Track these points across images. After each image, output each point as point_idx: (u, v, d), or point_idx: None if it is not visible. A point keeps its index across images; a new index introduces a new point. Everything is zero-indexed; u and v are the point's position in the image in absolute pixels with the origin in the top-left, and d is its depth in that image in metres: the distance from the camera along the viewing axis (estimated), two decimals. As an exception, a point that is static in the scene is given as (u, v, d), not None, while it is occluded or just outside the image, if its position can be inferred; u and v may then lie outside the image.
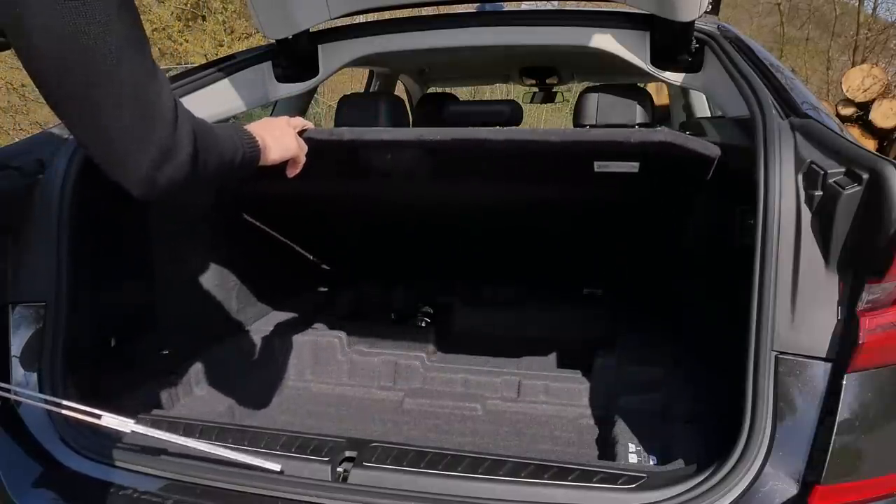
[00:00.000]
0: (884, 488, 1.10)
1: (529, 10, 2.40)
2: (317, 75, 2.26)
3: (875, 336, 1.05)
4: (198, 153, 0.86)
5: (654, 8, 1.75)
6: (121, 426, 1.16)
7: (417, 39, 2.17)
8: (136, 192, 0.82)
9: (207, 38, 12.35)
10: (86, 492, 1.24)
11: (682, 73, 1.94)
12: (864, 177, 1.06)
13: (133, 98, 0.77)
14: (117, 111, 0.76)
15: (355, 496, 1.17)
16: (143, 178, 0.80)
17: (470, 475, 1.19)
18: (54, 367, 1.37)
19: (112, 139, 0.77)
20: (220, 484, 1.22)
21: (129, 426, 1.17)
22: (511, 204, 2.03)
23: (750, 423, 1.13)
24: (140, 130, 0.78)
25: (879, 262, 1.04)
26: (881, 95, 6.85)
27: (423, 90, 4.12)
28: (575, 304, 2.33)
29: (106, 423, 1.15)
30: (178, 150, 0.82)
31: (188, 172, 0.85)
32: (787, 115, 1.32)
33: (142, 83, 0.78)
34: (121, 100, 0.76)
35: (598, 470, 1.19)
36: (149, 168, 0.80)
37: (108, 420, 1.15)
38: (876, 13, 13.06)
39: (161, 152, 0.80)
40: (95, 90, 0.75)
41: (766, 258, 1.15)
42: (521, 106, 2.69)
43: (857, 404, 1.07)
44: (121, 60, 0.75)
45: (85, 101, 0.75)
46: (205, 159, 0.89)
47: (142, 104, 0.78)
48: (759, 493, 1.08)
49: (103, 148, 0.79)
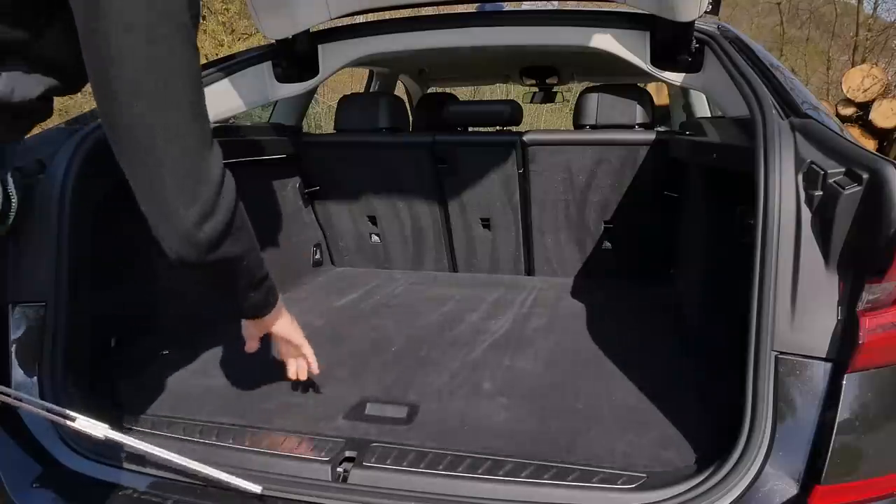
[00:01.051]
0: (884, 488, 1.10)
1: (529, 10, 2.40)
2: (317, 75, 2.27)
3: (875, 336, 1.05)
4: (233, 222, 0.95)
5: (654, 8, 1.76)
6: (93, 430, 1.09)
7: (417, 39, 2.17)
8: (178, 246, 0.91)
9: (207, 39, 12.34)
10: (86, 492, 1.24)
11: (682, 73, 1.94)
12: (864, 177, 1.06)
13: (189, 166, 0.87)
14: (173, 177, 0.86)
15: (355, 496, 1.17)
16: (186, 232, 0.89)
17: (470, 475, 1.19)
18: (54, 367, 1.37)
19: (166, 197, 0.87)
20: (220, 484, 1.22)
21: (101, 431, 1.10)
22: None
23: (750, 423, 1.13)
24: (190, 190, 0.88)
25: (879, 262, 1.04)
26: (881, 95, 6.86)
27: (423, 90, 4.13)
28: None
29: (80, 426, 1.09)
30: (218, 211, 0.92)
31: (224, 234, 0.94)
32: (787, 115, 1.32)
33: (200, 153, 0.89)
34: (178, 166, 0.86)
35: (598, 470, 1.19)
36: (192, 224, 0.89)
37: (81, 423, 1.09)
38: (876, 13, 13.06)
39: (204, 210, 0.90)
40: (154, 157, 0.85)
41: (765, 258, 1.15)
42: (521, 106, 2.69)
43: (857, 404, 1.07)
44: (186, 133, 0.86)
45: (146, 165, 0.85)
46: (238, 237, 0.98)
47: (196, 170, 0.88)
48: (759, 493, 1.08)
49: (156, 202, 0.88)
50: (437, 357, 1.78)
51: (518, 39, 2.11)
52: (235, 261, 1.01)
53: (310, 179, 2.71)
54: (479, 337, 1.95)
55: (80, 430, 1.10)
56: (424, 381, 1.61)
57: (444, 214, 2.66)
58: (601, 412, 1.44)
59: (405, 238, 2.77)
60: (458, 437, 1.33)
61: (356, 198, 2.71)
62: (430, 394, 1.54)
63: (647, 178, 2.34)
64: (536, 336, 1.96)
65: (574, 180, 2.41)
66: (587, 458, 1.23)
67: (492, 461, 1.22)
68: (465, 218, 2.63)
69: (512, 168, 2.43)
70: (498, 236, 2.64)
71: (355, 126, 2.59)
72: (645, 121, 2.36)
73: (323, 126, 8.99)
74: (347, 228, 2.82)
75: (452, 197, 2.59)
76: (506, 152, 2.40)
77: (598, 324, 2.07)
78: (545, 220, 2.54)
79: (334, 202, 2.75)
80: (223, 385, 1.63)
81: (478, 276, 2.73)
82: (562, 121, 12.27)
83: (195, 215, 0.89)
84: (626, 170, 2.35)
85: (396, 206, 2.69)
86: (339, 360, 1.76)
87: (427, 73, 3.96)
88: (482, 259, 2.73)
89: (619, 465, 1.22)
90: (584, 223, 2.51)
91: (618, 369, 1.67)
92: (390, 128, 2.56)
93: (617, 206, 2.44)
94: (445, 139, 2.47)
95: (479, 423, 1.39)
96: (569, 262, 2.62)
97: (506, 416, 1.43)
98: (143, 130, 0.83)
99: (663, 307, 2.21)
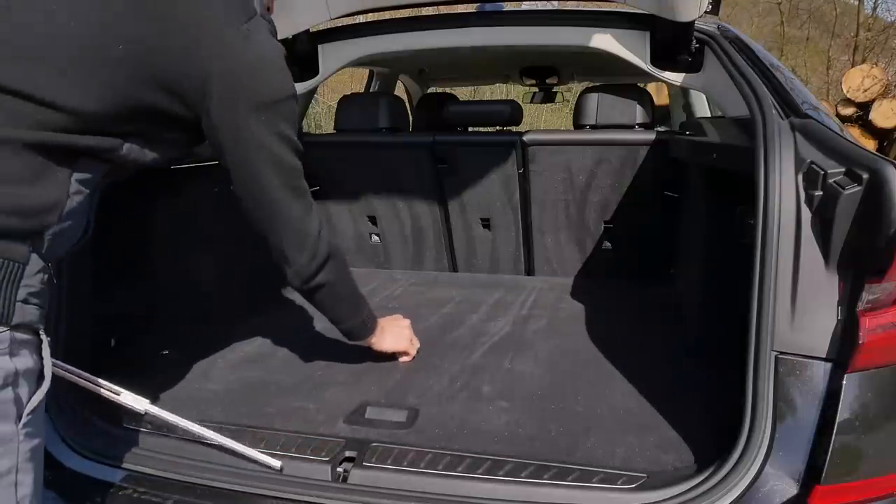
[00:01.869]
0: (884, 488, 1.10)
1: (529, 10, 2.40)
2: (317, 75, 2.27)
3: (875, 336, 1.05)
4: (329, 261, 1.37)
5: (655, 8, 1.75)
6: (137, 404, 1.28)
7: (417, 39, 2.17)
8: (296, 280, 1.37)
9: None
10: (86, 492, 1.24)
11: (682, 73, 1.94)
12: (864, 177, 1.05)
13: (298, 225, 1.30)
14: (287, 231, 1.30)
15: (355, 496, 1.17)
16: (301, 268, 1.34)
17: (470, 475, 1.19)
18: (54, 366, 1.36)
19: (282, 247, 1.31)
20: (220, 484, 1.22)
21: (143, 406, 1.28)
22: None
23: (750, 423, 1.13)
24: (299, 242, 1.32)
25: (879, 262, 1.04)
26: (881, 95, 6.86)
27: (423, 90, 4.12)
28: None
29: (124, 400, 1.28)
30: (319, 251, 1.34)
31: (323, 265, 1.36)
32: (787, 115, 1.31)
33: (303, 218, 1.31)
34: (289, 226, 1.29)
35: (598, 470, 1.19)
36: (303, 263, 1.33)
37: (126, 398, 1.28)
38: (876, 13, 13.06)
39: (312, 253, 1.33)
40: (276, 223, 1.28)
41: (766, 258, 1.15)
42: (521, 106, 2.69)
43: (857, 404, 1.07)
44: (293, 204, 1.28)
45: (267, 224, 1.29)
46: (334, 277, 1.41)
47: (302, 228, 1.31)
48: (759, 493, 1.08)
49: (276, 249, 1.32)
50: (437, 360, 1.78)
51: (518, 39, 2.11)
52: (328, 286, 1.40)
53: (309, 179, 2.70)
54: (479, 339, 1.95)
55: (125, 404, 1.28)
56: (424, 385, 1.61)
57: (444, 214, 2.66)
58: (601, 415, 1.44)
59: (405, 238, 2.77)
60: (458, 440, 1.33)
61: (356, 198, 2.71)
62: (430, 397, 1.54)
63: (647, 178, 2.34)
64: (536, 338, 1.96)
65: (574, 180, 2.41)
66: (587, 461, 1.23)
67: (491, 461, 1.22)
68: (465, 218, 2.63)
69: (512, 168, 2.43)
70: (498, 236, 2.64)
71: (355, 126, 2.58)
72: (645, 121, 2.36)
73: (323, 126, 8.99)
74: (347, 228, 2.82)
75: (452, 197, 2.59)
76: (506, 152, 2.40)
77: (598, 325, 2.07)
78: (545, 220, 2.54)
79: (334, 202, 2.75)
80: (223, 385, 1.63)
81: (478, 277, 2.73)
82: (562, 121, 12.27)
83: (307, 256, 1.33)
84: (626, 170, 2.35)
85: (396, 206, 2.69)
86: (339, 364, 1.76)
87: (427, 73, 3.96)
88: (482, 259, 2.73)
89: (619, 465, 1.22)
90: (584, 223, 2.51)
91: (618, 371, 1.67)
92: (390, 128, 2.56)
93: (617, 206, 2.44)
94: (445, 139, 2.47)
95: (479, 426, 1.39)
96: (569, 262, 2.62)
97: (506, 419, 1.43)
98: (256, 209, 1.27)
99: (663, 307, 2.21)
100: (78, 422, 1.36)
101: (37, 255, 0.90)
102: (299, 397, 1.55)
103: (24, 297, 0.87)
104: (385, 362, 1.76)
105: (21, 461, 0.86)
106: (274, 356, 1.84)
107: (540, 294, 2.43)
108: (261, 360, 1.82)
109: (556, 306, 2.28)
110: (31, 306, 0.88)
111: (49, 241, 0.92)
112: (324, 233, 1.35)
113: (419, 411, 1.46)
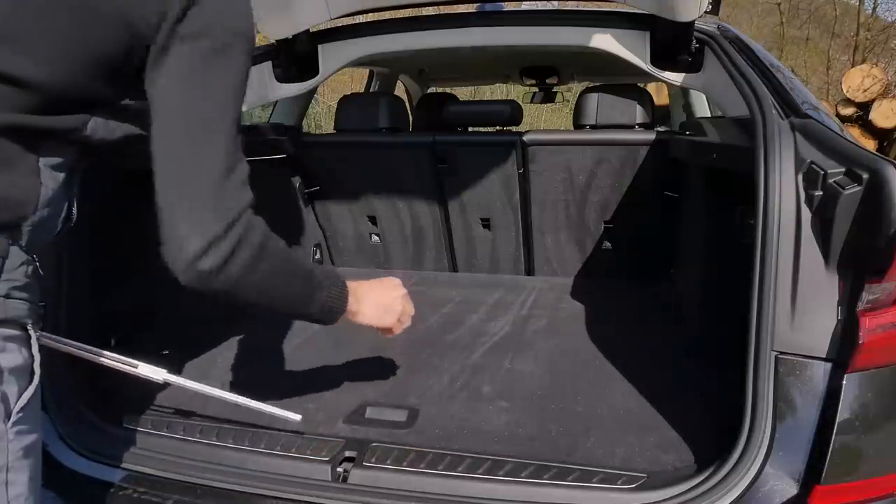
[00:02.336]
0: (884, 488, 1.10)
1: (529, 10, 2.40)
2: (317, 75, 2.26)
3: (875, 336, 1.05)
4: (256, 261, 0.97)
5: (654, 8, 1.75)
6: (154, 375, 1.28)
7: (417, 39, 2.17)
8: (183, 277, 0.97)
9: (207, 38, 12.32)
10: (86, 492, 1.24)
11: (682, 73, 1.94)
12: (864, 177, 1.05)
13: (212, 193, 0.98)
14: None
15: (355, 496, 1.17)
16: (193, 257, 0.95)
17: (470, 475, 1.19)
18: (53, 367, 1.36)
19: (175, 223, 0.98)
20: (220, 484, 1.22)
21: (161, 375, 1.28)
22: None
23: (750, 423, 1.13)
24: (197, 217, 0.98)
25: (879, 262, 1.04)
26: (881, 95, 6.86)
27: (423, 90, 4.12)
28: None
29: (142, 372, 1.28)
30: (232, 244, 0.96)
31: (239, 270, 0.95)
32: (787, 115, 1.31)
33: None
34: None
35: (598, 470, 1.19)
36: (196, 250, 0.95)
37: (144, 369, 1.28)
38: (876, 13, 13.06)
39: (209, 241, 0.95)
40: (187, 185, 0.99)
41: (766, 258, 1.15)
42: (521, 106, 2.69)
43: (857, 404, 1.07)
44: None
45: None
46: (262, 276, 0.98)
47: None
48: (759, 493, 1.08)
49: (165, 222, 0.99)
50: (437, 360, 1.78)
51: (518, 39, 2.11)
52: (270, 296, 1.02)
53: (310, 179, 2.71)
54: (479, 339, 1.95)
55: (142, 376, 1.27)
56: (424, 385, 1.61)
57: (444, 214, 2.66)
58: (601, 415, 1.44)
59: (405, 238, 2.77)
60: (458, 440, 1.33)
61: (356, 198, 2.71)
62: (431, 398, 1.54)
63: (647, 178, 2.34)
64: (536, 338, 1.96)
65: (574, 180, 2.41)
66: (587, 461, 1.23)
67: (491, 461, 1.22)
68: (465, 218, 2.63)
69: (512, 168, 2.43)
70: (498, 236, 2.64)
71: (355, 126, 2.58)
72: (645, 121, 2.36)
73: (323, 126, 8.99)
74: (347, 228, 2.82)
75: (452, 197, 2.59)
76: (506, 152, 2.40)
77: (597, 325, 2.07)
78: (545, 220, 2.54)
79: (334, 202, 2.75)
80: (223, 386, 1.63)
81: (478, 277, 2.73)
82: (562, 121, 12.26)
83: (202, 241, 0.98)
84: (626, 170, 2.35)
85: (396, 206, 2.69)
86: (339, 364, 1.75)
87: (427, 73, 3.96)
88: (482, 259, 2.73)
89: (619, 465, 1.22)
90: (584, 223, 2.51)
91: (617, 371, 1.67)
92: (390, 128, 2.56)
93: (617, 206, 2.44)
94: (445, 139, 2.46)
95: (479, 426, 1.39)
96: (569, 262, 2.62)
97: (506, 419, 1.43)
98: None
99: (663, 307, 2.21)
100: (77, 421, 1.36)
101: (17, 248, 0.86)
102: (299, 398, 1.55)
103: (5, 292, 0.83)
104: (385, 362, 1.76)
105: (12, 460, 0.84)
106: (274, 356, 1.84)
107: (540, 294, 2.43)
108: (260, 359, 1.82)
109: (556, 306, 2.28)
110: (15, 301, 0.85)
111: (28, 233, 0.88)
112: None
113: (419, 411, 1.46)
